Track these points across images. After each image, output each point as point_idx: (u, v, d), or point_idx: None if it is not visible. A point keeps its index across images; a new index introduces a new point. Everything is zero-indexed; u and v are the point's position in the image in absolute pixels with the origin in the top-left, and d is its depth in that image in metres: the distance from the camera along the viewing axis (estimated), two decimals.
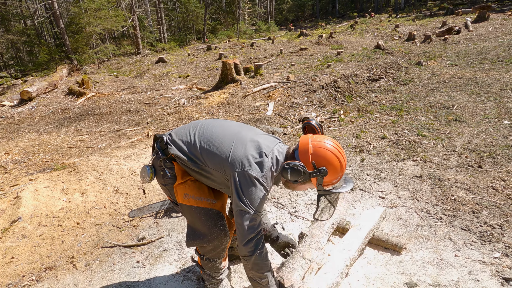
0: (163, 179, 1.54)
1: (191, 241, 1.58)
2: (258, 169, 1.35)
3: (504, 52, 7.47)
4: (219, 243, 1.56)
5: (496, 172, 2.93)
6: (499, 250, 2.01)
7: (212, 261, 1.65)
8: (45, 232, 2.53)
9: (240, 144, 1.41)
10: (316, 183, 1.34)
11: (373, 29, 13.87)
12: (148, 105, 6.78)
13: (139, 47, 14.83)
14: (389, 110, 4.99)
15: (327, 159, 1.32)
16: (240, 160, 1.36)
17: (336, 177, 1.35)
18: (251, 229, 1.36)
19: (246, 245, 1.37)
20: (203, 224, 1.52)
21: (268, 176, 1.36)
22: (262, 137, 1.48)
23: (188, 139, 1.49)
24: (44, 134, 5.65)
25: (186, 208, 1.52)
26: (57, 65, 10.97)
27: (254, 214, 1.34)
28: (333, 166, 1.32)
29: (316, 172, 1.30)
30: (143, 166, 1.56)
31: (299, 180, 1.32)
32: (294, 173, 1.31)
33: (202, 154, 1.44)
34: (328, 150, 1.33)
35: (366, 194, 2.83)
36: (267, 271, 1.44)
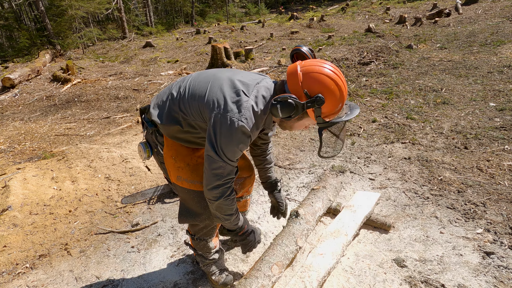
0: (158, 156, 1.51)
1: (183, 218, 1.57)
2: (236, 110, 1.17)
3: (492, 35, 7.53)
4: (211, 222, 1.57)
5: (481, 153, 3.03)
6: (482, 226, 2.11)
7: (203, 240, 1.66)
8: (37, 221, 2.51)
9: (216, 84, 1.26)
10: (314, 115, 1.15)
11: (364, 12, 13.72)
12: (136, 91, 6.64)
13: (125, 31, 14.33)
14: (380, 93, 5.03)
15: (322, 83, 1.12)
16: (216, 100, 1.21)
17: (336, 104, 1.15)
18: (217, 176, 1.24)
19: (210, 191, 1.27)
20: (196, 205, 1.50)
21: (249, 117, 1.18)
22: (242, 74, 1.32)
23: (166, 96, 1.38)
24: (29, 122, 5.49)
25: (179, 188, 1.50)
26: (39, 51, 10.52)
27: (223, 163, 1.21)
28: (330, 91, 1.12)
29: (311, 101, 1.11)
30: (138, 143, 1.51)
31: (292, 115, 1.13)
32: (284, 108, 1.12)
33: (181, 105, 1.31)
34: (321, 73, 1.12)
35: (356, 176, 2.89)
36: (231, 214, 1.36)
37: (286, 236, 1.78)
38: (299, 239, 1.80)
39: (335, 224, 2.02)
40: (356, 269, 1.88)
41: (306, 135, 3.86)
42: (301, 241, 1.81)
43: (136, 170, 3.19)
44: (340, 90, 1.14)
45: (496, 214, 2.21)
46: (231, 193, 1.31)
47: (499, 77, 5.03)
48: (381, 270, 1.85)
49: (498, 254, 1.87)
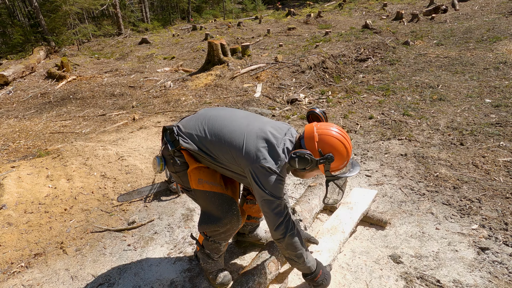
0: (174, 166, 1.58)
1: (203, 226, 1.61)
2: (272, 160, 1.40)
3: (489, 31, 7.54)
4: (231, 227, 1.59)
5: (476, 149, 3.04)
6: (477, 222, 2.12)
7: (217, 243, 1.68)
8: (32, 219, 2.49)
9: (251, 137, 1.45)
10: (324, 169, 1.37)
11: (361, 8, 13.68)
12: (132, 88, 6.58)
13: (121, 28, 14.17)
14: (376, 90, 5.03)
15: (333, 145, 1.36)
16: (254, 153, 1.41)
17: (342, 162, 1.38)
18: (279, 214, 1.43)
19: (277, 230, 1.44)
20: (217, 209, 1.55)
21: (281, 165, 1.41)
22: (272, 124, 1.51)
23: (199, 132, 1.52)
24: (24, 120, 5.43)
25: (200, 193, 1.55)
26: (33, 47, 10.38)
27: (278, 201, 1.41)
28: (339, 152, 1.36)
29: (323, 159, 1.34)
30: (154, 157, 1.62)
31: (307, 168, 1.35)
32: (301, 162, 1.34)
33: (214, 148, 1.48)
34: (333, 136, 1.37)
35: None
36: (301, 249, 1.49)
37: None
38: None
39: (332, 221, 2.02)
40: (353, 265, 1.89)
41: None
42: None
43: (132, 168, 3.17)
44: (347, 151, 1.37)
45: (491, 210, 2.22)
46: (294, 227, 1.48)
47: (495, 74, 5.05)
48: (377, 266, 1.86)
49: (493, 250, 1.88)
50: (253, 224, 1.99)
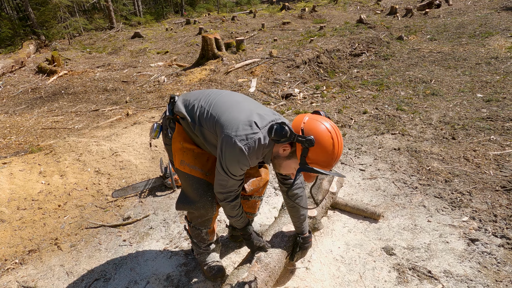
0: (165, 138, 1.64)
1: (180, 205, 1.66)
2: (243, 138, 1.30)
3: (481, 26, 7.62)
4: (205, 212, 1.62)
5: (468, 143, 3.09)
6: (467, 215, 2.17)
7: (198, 230, 1.72)
8: (25, 216, 2.47)
9: (237, 109, 1.40)
10: (300, 154, 1.25)
11: (355, 3, 13.66)
12: (126, 83, 6.50)
13: (113, 21, 13.93)
14: (371, 85, 5.06)
15: (319, 131, 1.23)
16: (230, 123, 1.35)
17: (324, 156, 1.24)
18: (221, 186, 1.44)
19: (217, 193, 1.50)
20: (193, 192, 1.58)
21: (251, 147, 1.31)
22: (264, 110, 1.45)
23: (193, 100, 1.53)
24: (14, 116, 5.34)
25: (181, 173, 1.59)
26: (22, 41, 10.15)
27: (226, 176, 1.39)
28: (323, 140, 1.22)
29: (302, 137, 1.21)
30: (153, 123, 1.68)
31: (282, 140, 1.24)
32: (278, 131, 1.23)
33: (202, 116, 1.46)
34: (323, 125, 1.24)
35: (347, 167, 2.92)
36: (233, 216, 1.55)
37: (278, 227, 1.79)
38: (284, 226, 1.82)
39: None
40: (347, 258, 1.92)
41: None
42: (286, 227, 1.83)
43: (127, 163, 3.15)
44: (333, 147, 1.23)
45: (481, 202, 2.28)
46: (233, 201, 1.48)
47: (487, 69, 5.12)
48: (370, 258, 1.90)
49: (482, 241, 1.93)
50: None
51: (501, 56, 5.53)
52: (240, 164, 1.34)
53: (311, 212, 1.95)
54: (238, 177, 1.41)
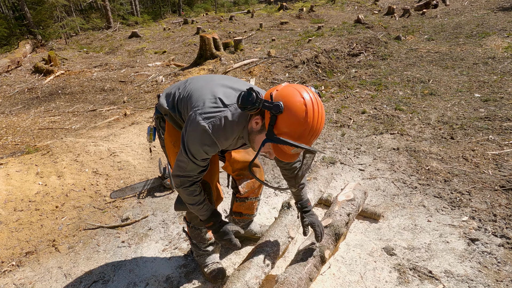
0: (160, 139, 1.63)
1: (178, 205, 1.61)
2: (208, 115, 1.20)
3: (478, 26, 7.65)
4: None
5: (466, 143, 3.10)
6: (467, 214, 2.18)
7: (197, 229, 1.70)
8: (22, 217, 2.44)
9: (207, 87, 1.31)
10: (269, 122, 1.10)
11: (353, 3, 13.69)
12: (123, 83, 6.46)
13: (110, 21, 13.85)
14: (369, 85, 5.06)
15: (290, 98, 1.08)
16: (197, 102, 1.26)
17: (295, 127, 1.08)
18: (180, 168, 1.32)
19: (174, 178, 1.37)
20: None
21: (217, 125, 1.20)
22: (238, 84, 1.33)
23: (174, 90, 1.48)
24: (11, 116, 5.29)
25: None
26: (18, 41, 10.07)
27: (186, 158, 1.27)
28: (294, 108, 1.06)
29: (269, 103, 1.08)
30: (148, 126, 1.67)
31: (248, 107, 1.09)
32: (244, 98, 1.09)
33: (178, 101, 1.41)
34: (298, 91, 1.09)
35: (346, 167, 2.92)
36: (193, 204, 1.41)
37: (278, 227, 1.78)
38: (291, 230, 1.81)
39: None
40: (347, 258, 1.91)
41: None
42: (293, 232, 1.83)
43: (125, 164, 3.12)
44: (306, 115, 1.06)
45: (481, 202, 2.28)
46: (190, 187, 1.36)
47: (484, 69, 5.14)
48: (371, 258, 1.89)
49: (482, 241, 1.94)
50: (245, 220, 2.00)
51: (498, 56, 5.55)
52: (204, 145, 1.23)
53: (325, 222, 1.84)
54: (199, 161, 1.28)
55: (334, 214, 1.94)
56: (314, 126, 1.09)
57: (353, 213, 2.05)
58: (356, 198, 2.13)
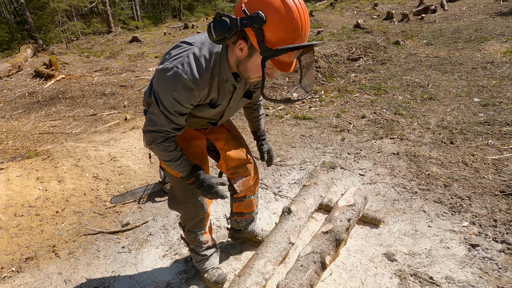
0: None
1: (170, 203, 1.64)
2: (175, 58, 1.11)
3: (476, 31, 7.71)
4: (196, 212, 1.60)
5: (466, 148, 3.11)
6: (467, 220, 2.18)
7: (193, 233, 1.69)
8: (22, 222, 2.44)
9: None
10: (256, 40, 0.98)
11: (352, 8, 13.80)
12: (124, 88, 6.49)
13: (111, 25, 13.94)
14: (368, 89, 5.08)
15: (263, 2, 0.95)
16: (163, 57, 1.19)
17: (285, 28, 0.96)
18: (151, 122, 1.22)
19: (144, 134, 1.27)
20: (181, 193, 1.56)
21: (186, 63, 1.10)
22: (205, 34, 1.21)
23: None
24: (11, 120, 5.30)
25: (169, 174, 1.55)
26: (20, 45, 10.13)
27: (158, 110, 1.18)
28: (274, 8, 0.94)
29: (247, 18, 0.95)
30: None
31: (227, 35, 0.98)
32: (217, 27, 0.97)
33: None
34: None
35: (346, 172, 2.92)
36: (169, 160, 1.30)
37: (279, 233, 1.78)
38: (292, 235, 1.81)
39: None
40: (348, 264, 1.91)
41: (296, 131, 3.87)
42: (294, 237, 1.82)
43: (125, 168, 3.13)
44: (289, 10, 0.94)
45: (481, 207, 2.28)
46: (163, 142, 1.25)
47: (483, 73, 5.17)
48: (372, 264, 1.89)
49: (483, 246, 1.94)
50: (247, 219, 1.99)
51: (497, 61, 5.59)
52: (173, 92, 1.11)
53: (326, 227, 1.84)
54: (171, 114, 1.17)
55: (335, 220, 1.94)
56: (302, 18, 0.98)
57: (354, 219, 2.05)
58: (356, 204, 2.13)
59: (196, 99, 1.18)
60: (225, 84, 1.23)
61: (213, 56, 1.13)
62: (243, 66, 1.12)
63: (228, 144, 1.70)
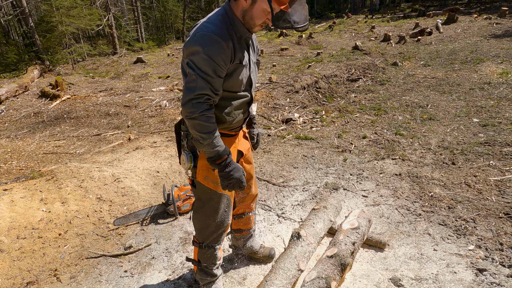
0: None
1: (196, 215, 1.65)
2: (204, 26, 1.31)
3: (472, 53, 7.92)
4: (222, 224, 1.66)
5: (468, 168, 3.13)
6: (473, 243, 2.16)
7: (211, 248, 1.70)
8: (25, 245, 2.42)
9: None
10: None
11: (350, 30, 14.24)
12: (128, 108, 6.60)
13: (116, 47, 14.36)
14: (369, 109, 5.17)
15: None
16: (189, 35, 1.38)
17: None
18: (190, 90, 1.29)
19: (184, 106, 1.31)
20: (214, 206, 1.61)
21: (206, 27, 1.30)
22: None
23: None
24: (16, 140, 5.36)
25: (203, 187, 1.58)
26: (27, 66, 10.40)
27: (195, 75, 1.27)
28: None
29: None
30: (182, 153, 1.56)
31: None
32: None
33: None
34: None
35: (350, 193, 2.92)
36: (209, 132, 1.33)
37: (288, 259, 1.77)
38: (301, 262, 1.79)
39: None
40: None
41: (299, 151, 3.91)
42: (303, 264, 1.81)
43: (129, 189, 3.14)
44: None
45: (486, 230, 2.27)
46: (205, 111, 1.30)
47: (481, 94, 5.27)
48: None
49: (490, 271, 1.91)
50: (245, 236, 2.05)
51: (494, 82, 5.71)
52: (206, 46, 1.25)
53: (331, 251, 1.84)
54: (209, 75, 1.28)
55: (339, 243, 1.93)
56: None
57: (358, 242, 2.04)
58: (360, 226, 2.13)
59: (226, 54, 1.30)
60: (241, 42, 1.39)
61: (222, 18, 1.33)
62: (249, 15, 1.31)
63: (248, 155, 1.82)
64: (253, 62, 1.53)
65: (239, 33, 1.36)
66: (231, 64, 1.34)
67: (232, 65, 1.36)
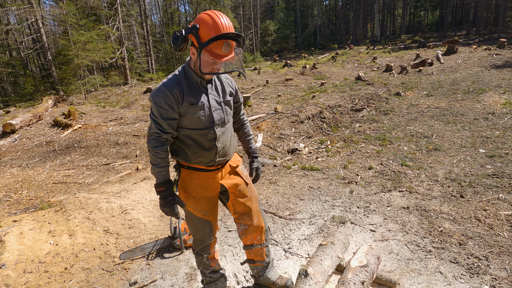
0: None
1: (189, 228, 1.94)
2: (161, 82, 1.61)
3: (474, 83, 8.07)
4: (204, 239, 1.89)
5: (477, 202, 3.09)
6: (487, 283, 2.09)
7: (200, 256, 1.94)
8: (31, 280, 2.41)
9: None
10: (196, 41, 1.50)
11: (353, 60, 14.72)
12: (137, 137, 6.77)
13: (127, 78, 14.99)
14: (373, 140, 5.21)
15: (198, 18, 1.51)
16: None
17: (209, 30, 1.47)
18: (148, 130, 1.64)
19: (147, 143, 1.68)
20: (195, 225, 1.86)
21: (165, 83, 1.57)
22: None
23: None
24: (27, 169, 5.49)
25: (186, 210, 1.84)
26: (42, 96, 10.87)
27: (150, 119, 1.61)
28: (203, 21, 1.48)
29: (189, 29, 1.48)
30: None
31: (180, 44, 1.50)
32: (173, 40, 1.51)
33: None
34: (203, 13, 1.52)
35: (357, 227, 2.89)
36: (156, 164, 1.64)
37: None
38: None
39: None
40: None
41: (305, 183, 3.92)
42: None
43: (136, 222, 3.15)
44: (212, 19, 1.46)
45: (500, 268, 2.20)
46: (155, 148, 1.62)
47: (485, 124, 5.31)
48: None
49: None
50: (259, 267, 2.05)
51: (498, 112, 5.76)
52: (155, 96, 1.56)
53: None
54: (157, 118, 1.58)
55: (348, 283, 1.89)
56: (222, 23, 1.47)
57: (368, 281, 1.99)
58: (369, 264, 2.09)
59: (170, 99, 1.56)
60: (197, 87, 1.64)
61: (177, 72, 1.64)
62: (197, 65, 1.58)
63: (239, 189, 1.87)
64: (218, 102, 1.71)
65: (192, 80, 1.63)
66: (181, 106, 1.59)
67: (183, 107, 1.59)
